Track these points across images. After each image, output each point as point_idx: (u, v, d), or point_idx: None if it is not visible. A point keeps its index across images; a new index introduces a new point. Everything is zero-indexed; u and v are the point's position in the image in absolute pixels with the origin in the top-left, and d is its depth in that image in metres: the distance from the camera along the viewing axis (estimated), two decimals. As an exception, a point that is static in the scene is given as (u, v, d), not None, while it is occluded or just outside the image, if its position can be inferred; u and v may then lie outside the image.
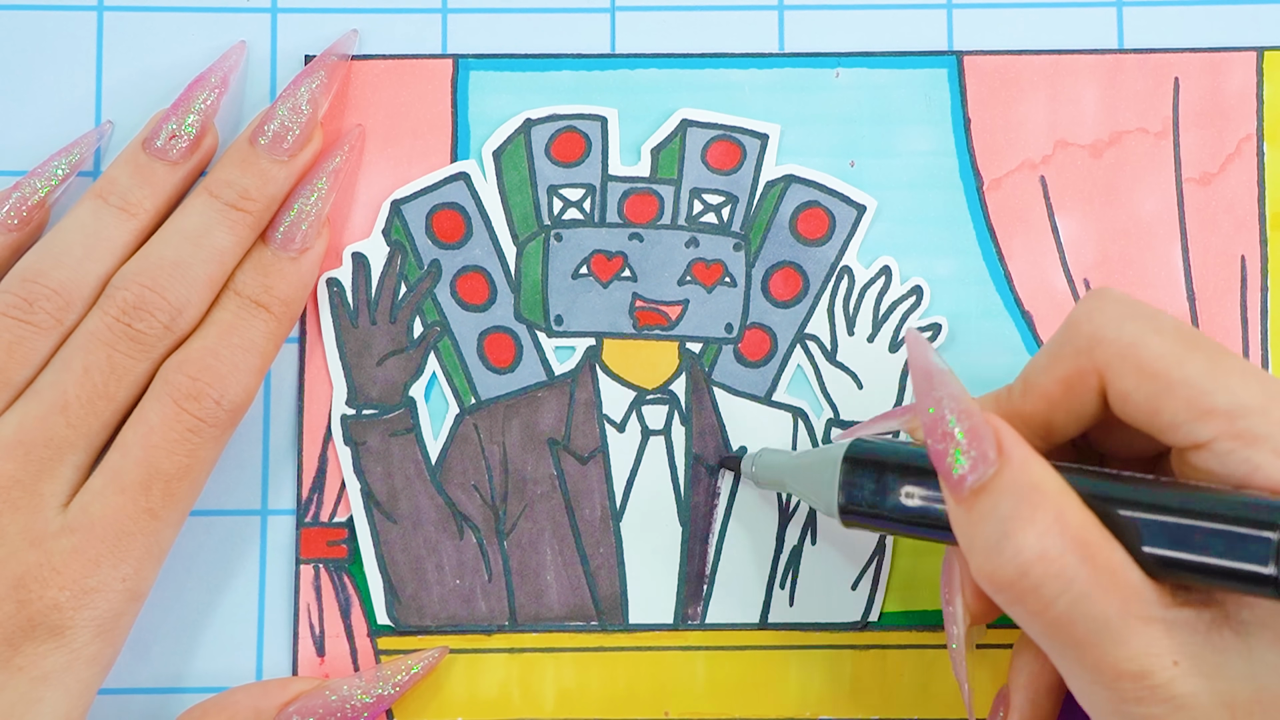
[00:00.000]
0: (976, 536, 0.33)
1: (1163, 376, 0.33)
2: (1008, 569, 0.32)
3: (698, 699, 0.43)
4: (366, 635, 0.43)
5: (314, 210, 0.42)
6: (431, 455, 0.43)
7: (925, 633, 0.43)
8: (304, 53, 0.45)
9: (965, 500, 0.33)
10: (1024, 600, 0.33)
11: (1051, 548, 0.32)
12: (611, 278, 0.44)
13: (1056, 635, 0.33)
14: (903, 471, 0.36)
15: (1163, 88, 0.44)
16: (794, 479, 0.40)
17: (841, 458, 0.37)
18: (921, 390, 0.34)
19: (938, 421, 0.34)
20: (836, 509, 0.38)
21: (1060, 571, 0.32)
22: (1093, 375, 0.34)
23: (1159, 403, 0.33)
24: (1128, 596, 0.32)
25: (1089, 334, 0.34)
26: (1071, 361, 0.35)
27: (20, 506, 0.38)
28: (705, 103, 0.44)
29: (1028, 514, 0.32)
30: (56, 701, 0.38)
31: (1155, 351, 0.33)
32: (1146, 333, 0.34)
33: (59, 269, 0.40)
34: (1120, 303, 0.35)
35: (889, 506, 0.37)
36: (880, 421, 0.38)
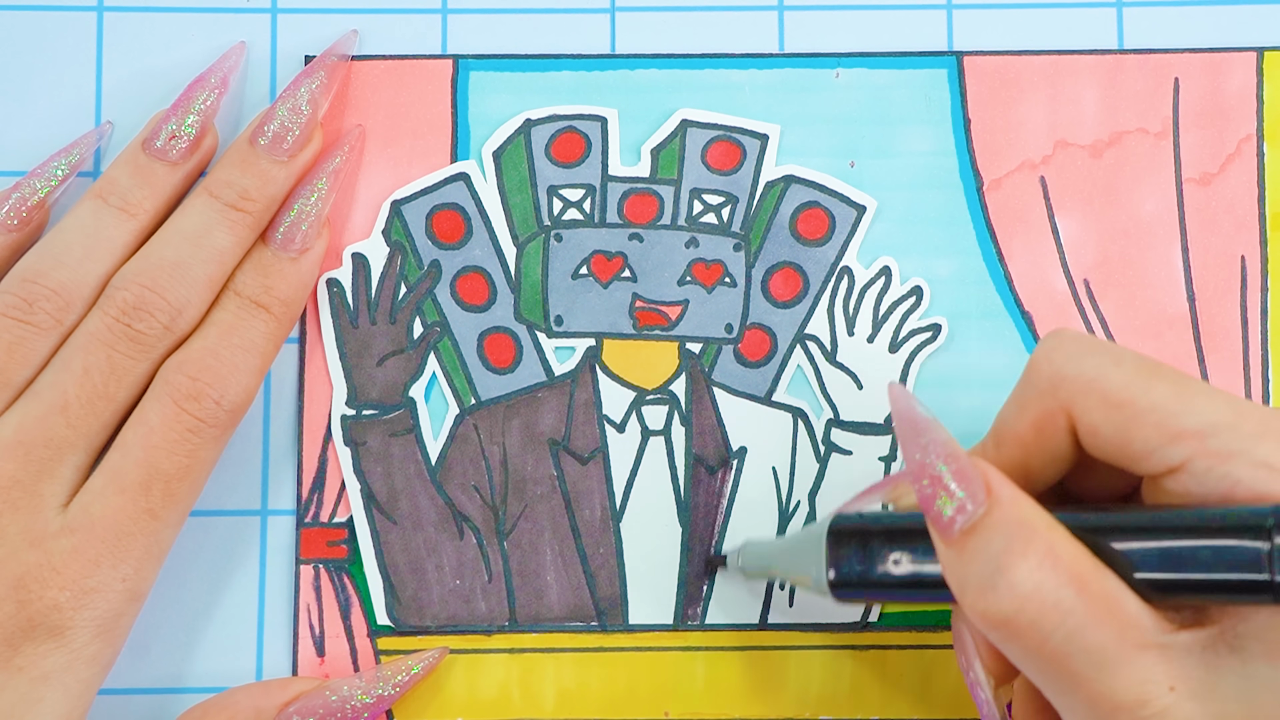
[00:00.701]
0: (969, 576, 0.33)
1: (1129, 405, 0.33)
2: (1003, 605, 0.32)
3: (698, 699, 0.43)
4: (366, 635, 0.43)
5: (314, 210, 0.42)
6: (431, 455, 0.43)
7: (925, 633, 0.43)
8: (304, 53, 0.45)
9: (956, 542, 0.33)
10: (1020, 636, 0.32)
11: (1045, 581, 0.32)
12: (611, 278, 0.44)
13: (1053, 670, 0.33)
14: (888, 538, 0.36)
15: (1163, 88, 0.44)
16: (781, 563, 0.40)
17: (826, 533, 0.37)
18: (907, 439, 0.34)
19: (925, 468, 0.34)
20: (827, 586, 0.37)
21: (1056, 604, 0.32)
22: (1061, 415, 0.34)
23: (1129, 432, 0.33)
24: (1124, 625, 0.32)
25: (1050, 375, 0.35)
26: (1038, 404, 0.35)
27: (20, 507, 0.38)
28: (705, 103, 0.44)
29: (1020, 549, 0.32)
30: (56, 702, 0.38)
31: (1118, 382, 0.33)
32: (1107, 365, 0.34)
33: (59, 269, 0.40)
34: (1077, 340, 0.35)
35: (879, 575, 0.36)
36: (863, 498, 0.38)
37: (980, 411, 0.43)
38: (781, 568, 0.40)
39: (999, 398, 0.42)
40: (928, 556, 0.36)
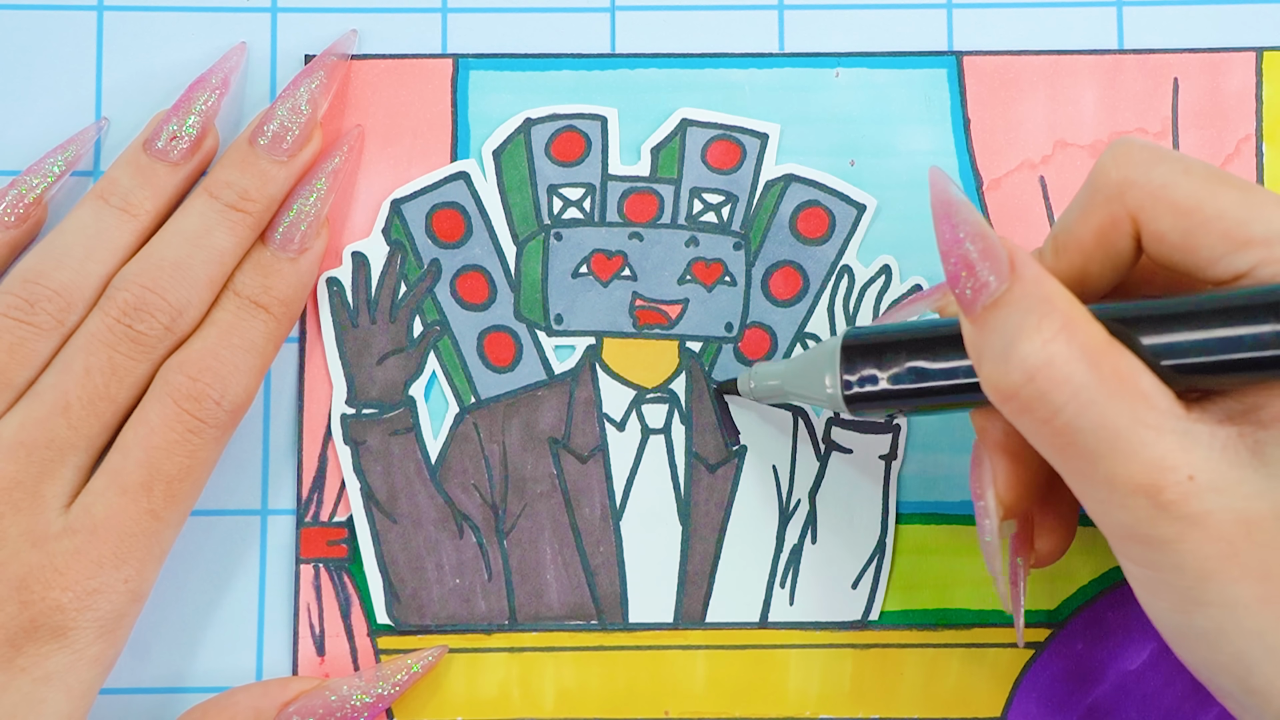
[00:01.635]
0: (985, 348, 0.33)
1: (1197, 212, 0.33)
2: (1014, 375, 0.32)
3: (698, 698, 0.43)
4: (366, 635, 0.43)
5: (313, 210, 0.42)
6: (431, 454, 0.43)
7: (925, 632, 0.43)
8: (304, 53, 0.45)
9: (978, 318, 0.33)
10: (1030, 408, 0.32)
11: (1058, 354, 0.32)
12: (611, 277, 0.44)
13: (1065, 448, 0.32)
14: (902, 345, 0.36)
15: (1162, 88, 0.44)
16: (793, 382, 0.40)
17: (839, 347, 0.37)
18: (939, 217, 0.34)
19: (954, 245, 0.34)
20: (841, 397, 0.37)
21: (1067, 377, 0.32)
22: (1126, 221, 0.34)
23: (1195, 239, 0.33)
24: (1138, 404, 0.32)
25: (1119, 180, 0.34)
26: (1104, 210, 0.35)
27: (22, 508, 0.38)
28: (705, 102, 0.44)
29: (1035, 323, 0.32)
30: (59, 702, 0.38)
31: (1187, 189, 0.33)
32: (1176, 173, 0.34)
33: (60, 270, 0.40)
34: (1145, 148, 0.35)
35: (893, 381, 0.36)
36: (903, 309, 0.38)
37: (980, 411, 0.43)
38: (793, 386, 0.40)
39: (999, 397, 0.42)
40: (942, 360, 0.36)
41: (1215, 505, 0.31)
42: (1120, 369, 0.32)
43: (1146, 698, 0.42)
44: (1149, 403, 0.32)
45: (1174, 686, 0.42)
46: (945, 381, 0.36)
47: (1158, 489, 0.31)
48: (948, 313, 0.38)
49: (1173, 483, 0.31)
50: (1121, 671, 0.42)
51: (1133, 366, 0.32)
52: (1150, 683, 0.42)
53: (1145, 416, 0.31)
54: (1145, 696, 0.42)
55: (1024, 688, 0.43)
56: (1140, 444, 0.31)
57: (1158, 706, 0.42)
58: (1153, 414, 0.32)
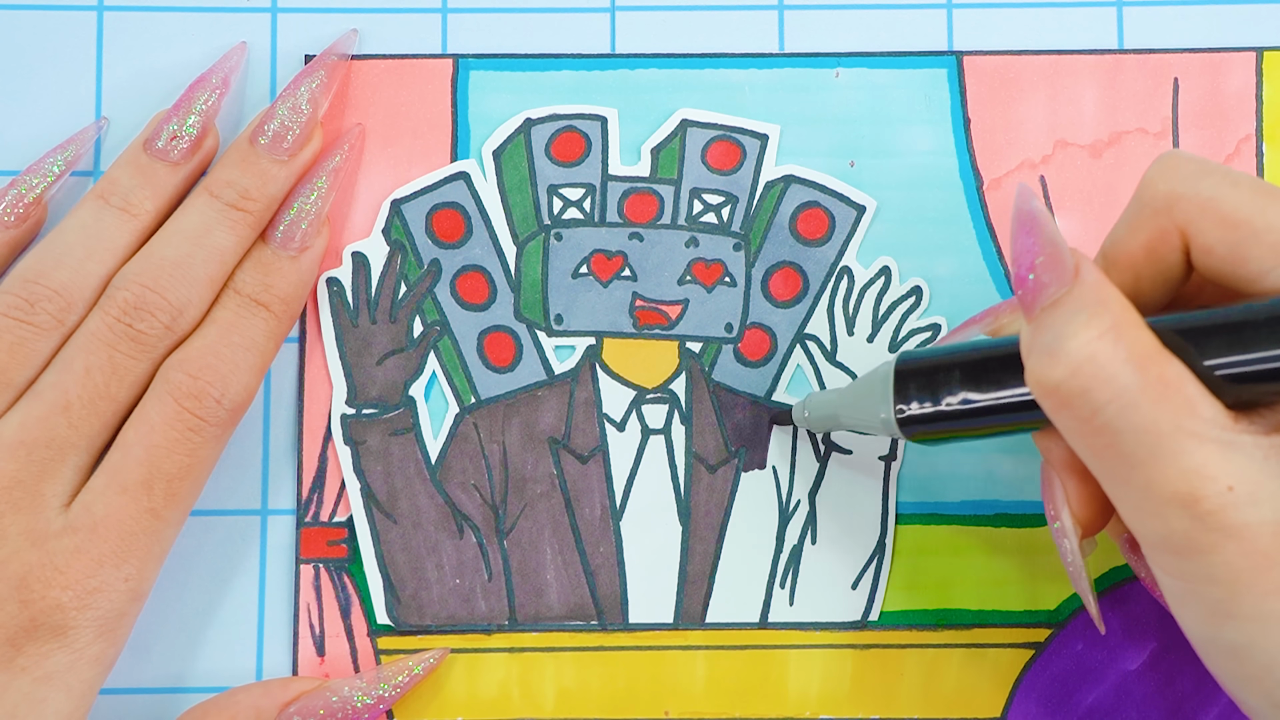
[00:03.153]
0: (1035, 344, 0.33)
1: (1246, 225, 0.33)
2: (1057, 369, 0.32)
3: (698, 699, 0.43)
4: (366, 635, 0.43)
5: (314, 209, 0.42)
6: (431, 455, 0.43)
7: (925, 632, 0.43)
8: (304, 53, 0.45)
9: (1035, 318, 0.33)
10: (1071, 404, 0.32)
11: (1103, 351, 0.32)
12: (611, 277, 0.44)
13: (1104, 449, 0.32)
14: (956, 367, 0.36)
15: (1162, 88, 0.44)
16: (847, 410, 0.39)
17: (892, 372, 0.37)
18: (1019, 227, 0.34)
19: (1026, 252, 0.34)
20: (895, 424, 0.37)
21: (1111, 376, 0.31)
22: (1174, 235, 0.34)
23: (1245, 251, 0.33)
24: (1180, 410, 0.31)
25: (1166, 194, 0.34)
26: (1152, 223, 0.35)
27: (22, 507, 0.38)
28: (705, 103, 0.44)
29: (1085, 321, 0.32)
30: (59, 702, 0.38)
31: (1235, 202, 0.33)
32: (1224, 186, 0.34)
33: (60, 270, 0.40)
34: (1193, 161, 0.35)
35: (948, 405, 0.36)
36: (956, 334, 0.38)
37: (980, 411, 0.43)
38: (848, 414, 0.39)
39: (999, 397, 0.42)
40: (995, 377, 0.36)
41: (1253, 518, 0.31)
42: (1166, 375, 0.32)
43: (1146, 698, 0.42)
44: (1193, 410, 0.31)
45: (1174, 686, 0.42)
46: (1001, 398, 0.36)
47: (1195, 499, 0.31)
48: (1001, 334, 0.38)
49: (1212, 493, 0.31)
50: (1121, 671, 0.42)
51: (1180, 374, 0.32)
52: (1150, 683, 0.42)
53: (1188, 424, 0.31)
54: (1145, 697, 0.42)
55: (1024, 688, 0.43)
56: (1181, 451, 0.31)
57: (1158, 707, 0.42)
58: (1196, 421, 0.31)
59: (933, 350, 0.37)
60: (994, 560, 0.43)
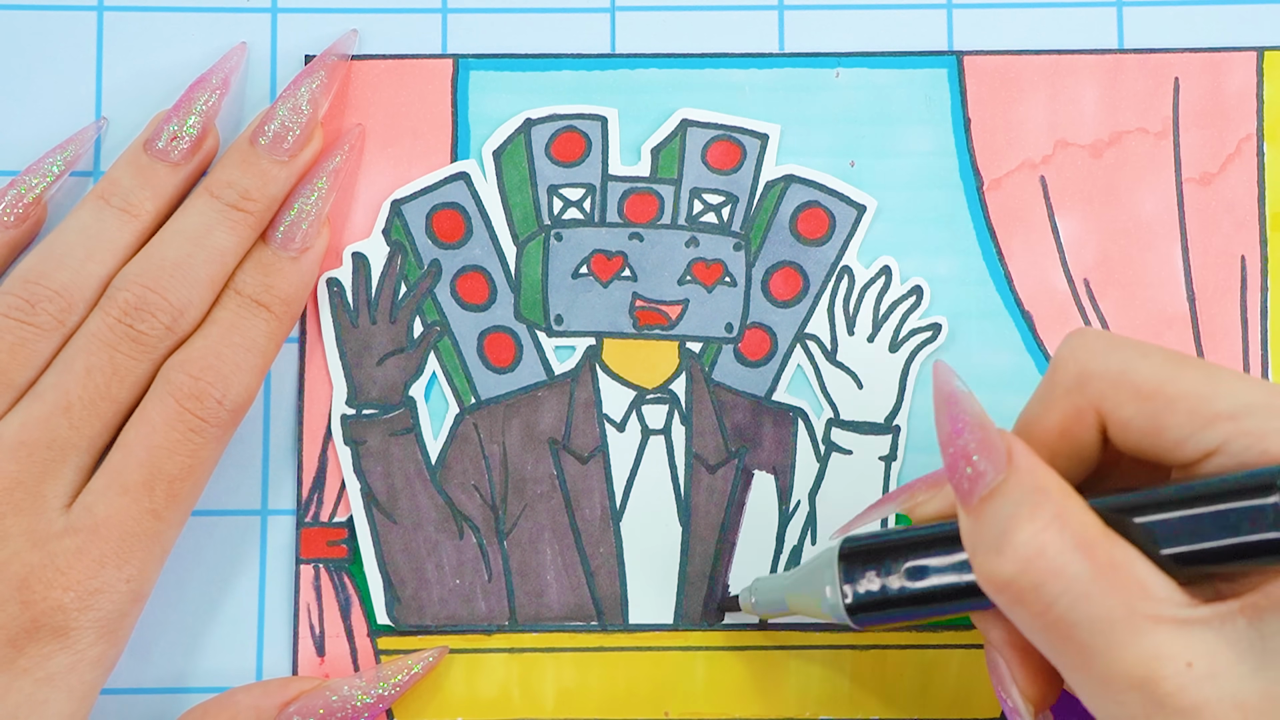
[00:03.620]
0: (980, 539, 0.33)
1: (1160, 395, 0.33)
2: (1006, 567, 0.32)
3: (698, 699, 0.43)
4: (366, 635, 0.43)
5: (314, 210, 0.42)
6: (431, 455, 0.43)
7: (925, 633, 0.43)
8: (304, 53, 0.45)
9: (974, 509, 0.33)
10: (1024, 600, 0.32)
11: (1050, 544, 0.32)
12: (611, 277, 0.44)
13: (1061, 641, 0.32)
14: (901, 550, 0.36)
15: (1163, 88, 0.44)
16: (794, 596, 0.39)
17: (837, 556, 0.37)
18: (940, 409, 0.34)
19: (954, 437, 0.34)
20: (843, 610, 0.37)
21: (1061, 569, 0.32)
22: (1089, 413, 0.34)
23: (1161, 421, 0.33)
24: (1133, 594, 0.31)
25: (1077, 372, 0.34)
26: (1065, 402, 0.35)
27: (23, 508, 0.38)
28: (705, 103, 0.44)
29: (1028, 513, 0.32)
30: (61, 703, 0.38)
31: (1147, 373, 0.33)
32: (1134, 358, 0.34)
33: (61, 271, 0.40)
34: (1101, 337, 0.35)
35: (895, 590, 0.36)
36: (869, 514, 0.38)
37: (980, 411, 0.43)
38: (795, 600, 0.39)
39: (999, 397, 0.42)
40: (944, 567, 0.36)
41: (1212, 694, 0.30)
42: (1115, 558, 0.32)
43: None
44: (1145, 591, 0.31)
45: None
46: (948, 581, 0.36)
47: (1154, 681, 0.31)
48: (918, 513, 0.38)
49: (1171, 673, 0.31)
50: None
51: (1128, 555, 0.32)
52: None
53: (1141, 606, 0.31)
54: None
55: (1024, 688, 0.43)
56: (1136, 635, 0.31)
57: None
58: (1149, 603, 0.31)
59: (874, 534, 0.37)
60: (994, 560, 0.43)
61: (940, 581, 0.36)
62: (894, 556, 0.36)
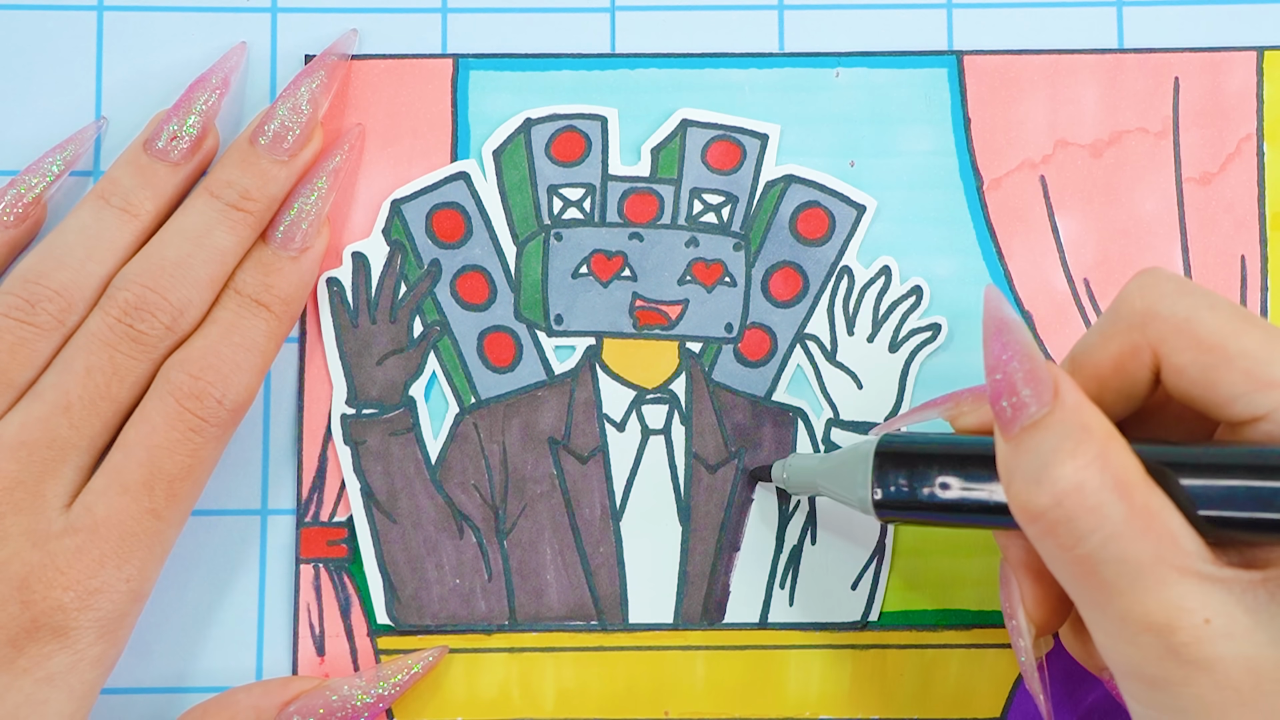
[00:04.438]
0: (1018, 469, 0.33)
1: (1220, 349, 0.33)
2: (1043, 498, 0.32)
3: (698, 699, 0.43)
4: (366, 635, 0.43)
5: (314, 209, 0.42)
6: (431, 455, 0.43)
7: (925, 633, 0.43)
8: (304, 53, 0.45)
9: (1014, 438, 0.33)
10: (1055, 532, 0.32)
11: (1089, 481, 0.32)
12: (611, 277, 0.44)
13: (1085, 577, 0.32)
14: (935, 460, 0.36)
15: (1163, 87, 0.44)
16: (826, 480, 0.40)
17: (873, 453, 0.37)
18: (989, 334, 0.34)
19: (1000, 363, 0.34)
20: (871, 505, 0.37)
21: (1096, 506, 0.32)
22: (1146, 351, 0.34)
23: (1217, 375, 0.33)
24: (1163, 542, 0.31)
25: (1142, 310, 0.34)
26: (1125, 338, 0.34)
27: (23, 508, 0.38)
28: (705, 103, 0.44)
29: (1070, 448, 0.32)
30: (61, 703, 0.38)
31: (1211, 325, 0.33)
32: (1201, 308, 0.33)
33: (61, 270, 0.40)
34: (1172, 280, 0.34)
35: (924, 496, 0.36)
36: (915, 414, 0.38)
37: (980, 411, 0.43)
38: (825, 484, 0.40)
39: (999, 398, 0.42)
40: (974, 481, 0.36)
41: (1227, 652, 0.31)
42: (1151, 506, 0.32)
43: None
44: (1175, 543, 0.31)
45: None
46: (976, 497, 0.36)
47: (1172, 629, 0.31)
48: (959, 423, 0.38)
49: (1188, 625, 0.31)
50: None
51: (1164, 505, 0.32)
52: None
53: (1169, 556, 0.31)
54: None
55: (1024, 688, 0.43)
56: (1161, 583, 0.31)
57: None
58: (1177, 554, 0.31)
59: (912, 438, 0.37)
60: (994, 560, 0.43)
61: (969, 496, 0.36)
62: (928, 464, 0.36)
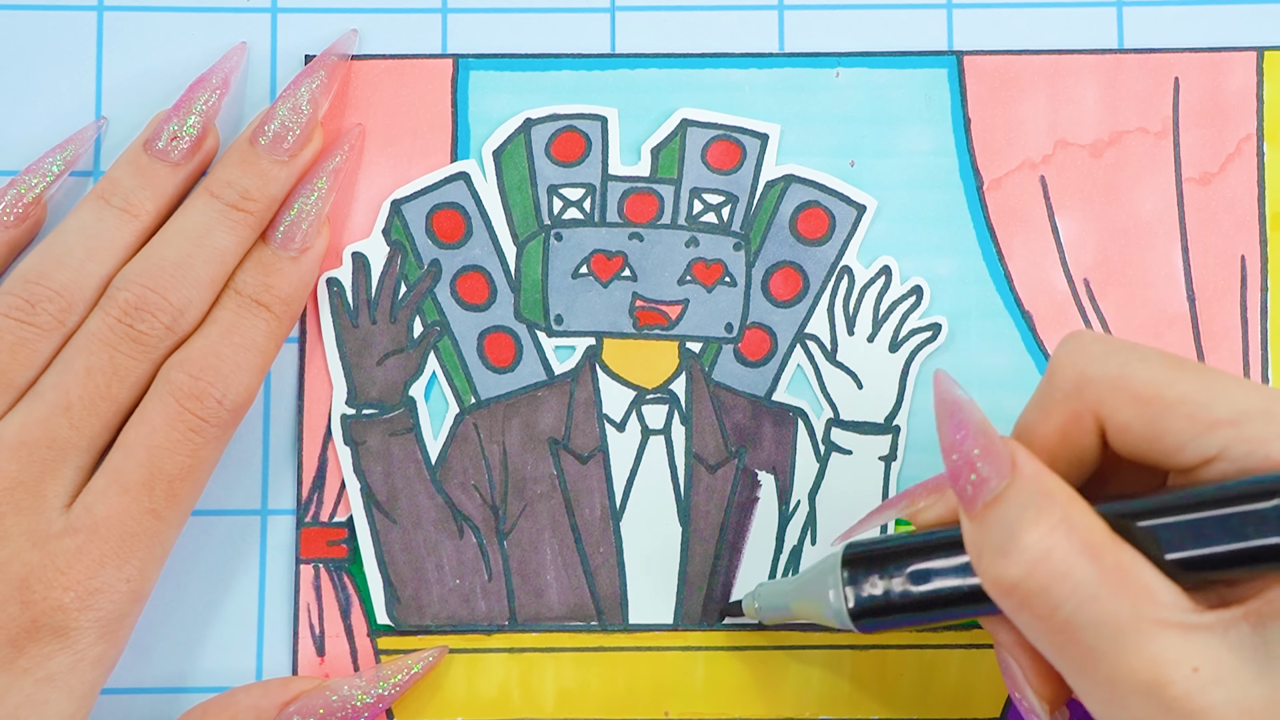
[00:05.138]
0: (985, 544, 0.33)
1: (1159, 399, 0.33)
2: (1012, 570, 0.32)
3: (698, 699, 0.43)
4: (366, 635, 0.43)
5: (314, 210, 0.42)
6: (431, 455, 0.43)
7: (925, 633, 0.43)
8: (304, 53, 0.45)
9: (978, 515, 0.33)
10: (1030, 604, 0.32)
11: (1057, 547, 0.32)
12: (611, 277, 0.44)
13: (1067, 645, 0.32)
14: (904, 554, 0.36)
15: (1163, 88, 0.44)
16: (798, 602, 0.39)
17: (840, 562, 0.37)
18: (942, 417, 0.34)
19: (956, 445, 0.34)
20: (847, 616, 0.37)
21: (1067, 572, 0.31)
22: (1087, 417, 0.34)
23: (1160, 426, 0.33)
24: (1140, 598, 0.31)
25: (1074, 377, 0.34)
26: (1064, 407, 0.34)
27: (24, 508, 0.38)
28: (705, 103, 0.44)
29: (1033, 516, 0.32)
30: (61, 703, 0.38)
31: (1145, 378, 0.33)
32: (1132, 362, 0.34)
33: (61, 270, 0.40)
34: (1099, 340, 0.35)
35: (899, 594, 0.36)
36: (870, 519, 0.38)
37: (980, 411, 0.43)
38: (798, 607, 0.39)
39: (999, 397, 0.42)
40: (948, 572, 0.36)
41: (1219, 698, 0.30)
42: (1121, 563, 0.32)
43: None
44: (1151, 597, 0.31)
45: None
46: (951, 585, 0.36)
47: (1161, 685, 0.31)
48: (919, 519, 0.38)
49: (1177, 678, 0.31)
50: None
51: (1135, 561, 0.32)
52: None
53: (1147, 611, 0.31)
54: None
55: (1024, 688, 0.43)
56: (1143, 640, 0.31)
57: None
58: (1155, 608, 0.31)
59: (878, 540, 0.37)
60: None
61: (944, 585, 0.36)
62: (897, 561, 0.36)
